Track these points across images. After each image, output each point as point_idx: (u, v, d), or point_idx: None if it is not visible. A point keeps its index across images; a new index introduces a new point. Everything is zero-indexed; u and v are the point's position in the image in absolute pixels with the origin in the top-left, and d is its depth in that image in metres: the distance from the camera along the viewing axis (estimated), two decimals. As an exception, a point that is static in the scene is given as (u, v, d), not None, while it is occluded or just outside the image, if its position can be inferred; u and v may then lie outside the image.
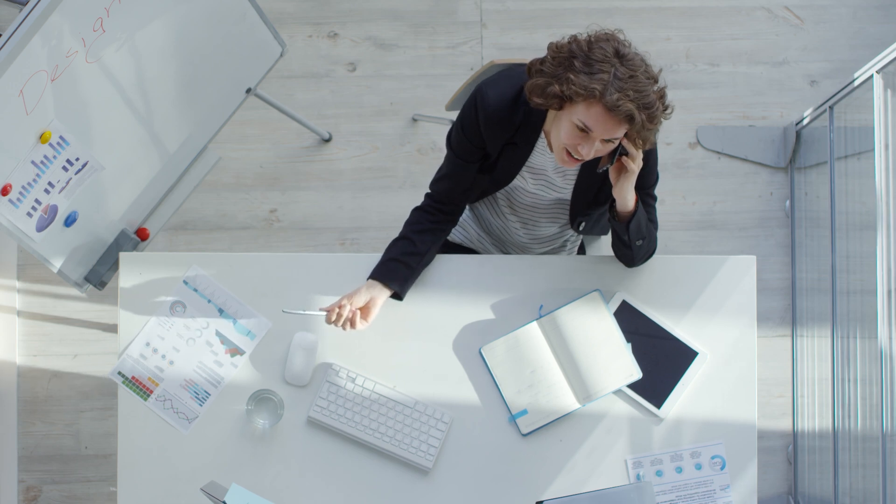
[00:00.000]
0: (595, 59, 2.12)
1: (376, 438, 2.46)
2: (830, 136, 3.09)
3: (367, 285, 2.43)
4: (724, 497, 2.47)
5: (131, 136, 2.54)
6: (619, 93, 2.10)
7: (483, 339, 2.51)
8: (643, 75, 2.13)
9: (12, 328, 3.33)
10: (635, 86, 2.11)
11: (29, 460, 3.31)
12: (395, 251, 2.45)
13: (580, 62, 2.13)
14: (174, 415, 2.49)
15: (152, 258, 2.55)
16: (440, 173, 2.47)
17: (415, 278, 2.47)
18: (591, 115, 2.13)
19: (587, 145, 2.18)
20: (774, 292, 3.41)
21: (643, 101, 2.12)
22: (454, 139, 2.39)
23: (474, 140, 2.35)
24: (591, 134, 2.16)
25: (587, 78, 2.11)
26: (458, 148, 2.39)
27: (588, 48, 2.14)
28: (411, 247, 2.45)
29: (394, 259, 2.44)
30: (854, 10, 3.51)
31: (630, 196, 2.30)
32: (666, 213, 3.38)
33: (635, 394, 2.49)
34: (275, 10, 3.47)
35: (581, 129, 2.16)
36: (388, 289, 2.44)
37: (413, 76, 3.47)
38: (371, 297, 2.42)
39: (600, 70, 2.11)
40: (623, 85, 2.11)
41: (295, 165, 3.44)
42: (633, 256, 2.44)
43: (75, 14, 2.18)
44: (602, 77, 2.11)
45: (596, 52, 2.13)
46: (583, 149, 2.18)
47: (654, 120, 2.15)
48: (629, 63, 2.12)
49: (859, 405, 3.02)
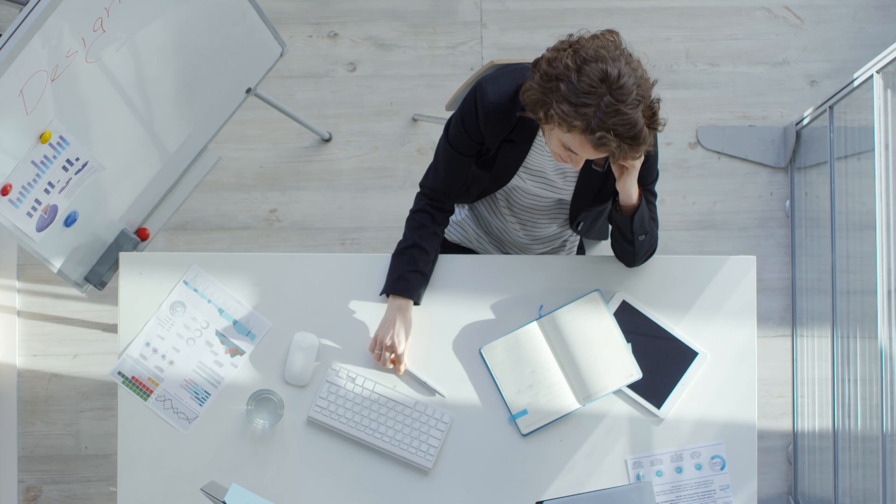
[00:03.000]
0: (581, 90, 2.05)
1: (376, 438, 2.46)
2: (830, 136, 3.09)
3: (397, 307, 2.44)
4: (724, 497, 2.47)
5: (131, 136, 2.54)
6: (601, 130, 2.05)
7: (483, 339, 2.51)
8: (633, 102, 2.06)
9: (12, 328, 3.33)
10: (621, 120, 2.05)
11: (29, 460, 3.31)
12: (411, 262, 2.45)
13: (566, 88, 2.07)
14: (174, 415, 2.49)
15: (152, 258, 2.55)
16: (435, 169, 2.46)
17: (427, 283, 2.50)
18: (575, 141, 2.12)
19: (575, 161, 2.18)
20: (774, 292, 3.41)
21: (628, 134, 2.07)
22: (452, 133, 2.39)
23: (474, 135, 2.35)
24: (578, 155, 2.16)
25: (570, 109, 2.06)
26: (456, 142, 2.38)
27: (577, 70, 2.06)
28: (423, 254, 2.46)
29: (413, 271, 2.45)
30: (854, 10, 3.51)
31: (633, 189, 2.30)
32: (666, 213, 3.38)
33: (635, 394, 2.49)
34: (275, 10, 3.47)
35: (567, 149, 2.16)
36: (412, 302, 2.46)
37: (413, 76, 3.47)
38: (407, 317, 2.44)
39: (584, 104, 2.05)
40: (607, 121, 2.05)
41: (295, 165, 3.44)
42: (635, 253, 2.43)
43: (75, 14, 2.18)
44: (585, 112, 2.05)
45: (583, 79, 2.05)
46: (571, 162, 2.19)
47: (641, 145, 2.11)
48: (618, 91, 2.05)
49: (859, 405, 3.02)
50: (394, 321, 2.44)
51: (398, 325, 2.44)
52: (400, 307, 2.45)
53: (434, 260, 2.48)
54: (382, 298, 2.51)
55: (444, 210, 2.48)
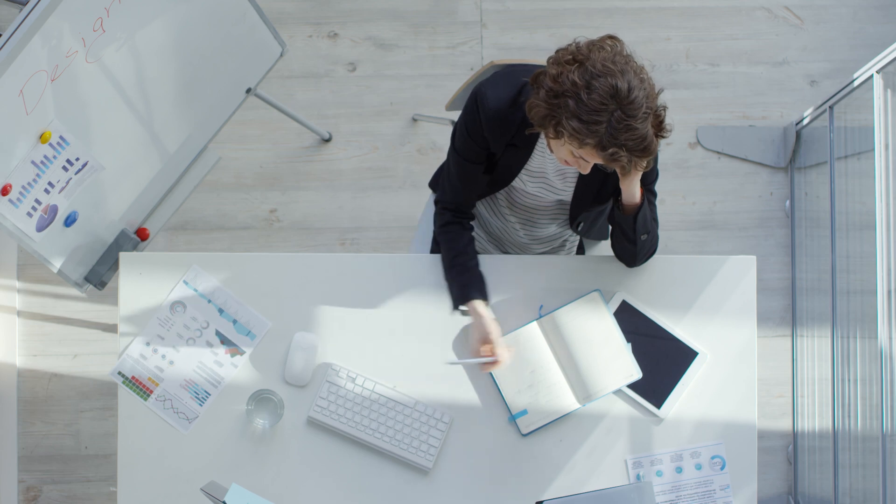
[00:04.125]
0: (591, 107, 2.04)
1: (376, 438, 2.46)
2: (830, 136, 3.09)
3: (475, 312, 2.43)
4: (724, 497, 2.47)
5: (131, 136, 2.54)
6: (613, 146, 2.05)
7: (483, 339, 2.51)
8: (642, 116, 2.06)
9: (12, 328, 3.33)
10: (632, 136, 2.05)
11: (29, 460, 3.31)
12: (464, 270, 2.45)
13: (575, 105, 2.05)
14: (174, 415, 2.49)
15: (152, 258, 2.55)
16: (449, 182, 2.45)
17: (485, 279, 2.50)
18: (586, 153, 2.12)
19: (584, 167, 2.19)
20: (774, 292, 3.41)
21: (639, 147, 2.07)
22: (459, 143, 2.38)
23: (480, 142, 2.35)
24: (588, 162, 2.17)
25: (581, 126, 2.05)
26: (464, 151, 2.38)
27: (587, 86, 2.05)
28: (469, 258, 2.46)
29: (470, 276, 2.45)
30: (854, 10, 3.51)
31: (636, 189, 2.31)
32: (666, 213, 3.38)
33: (635, 394, 2.49)
34: (275, 10, 3.47)
35: (577, 157, 2.16)
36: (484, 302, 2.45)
37: (413, 76, 3.47)
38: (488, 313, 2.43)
39: (595, 121, 2.04)
40: (618, 136, 2.05)
41: (295, 165, 3.44)
42: (636, 253, 2.43)
43: (75, 14, 2.18)
44: (596, 129, 2.04)
45: (593, 96, 2.04)
46: (580, 168, 2.19)
47: (651, 155, 2.11)
48: (628, 107, 2.04)
49: (859, 405, 3.02)
50: (480, 323, 2.43)
51: (485, 323, 2.42)
52: (476, 310, 2.44)
53: (478, 258, 2.49)
54: (382, 298, 2.51)
55: (468, 215, 2.50)
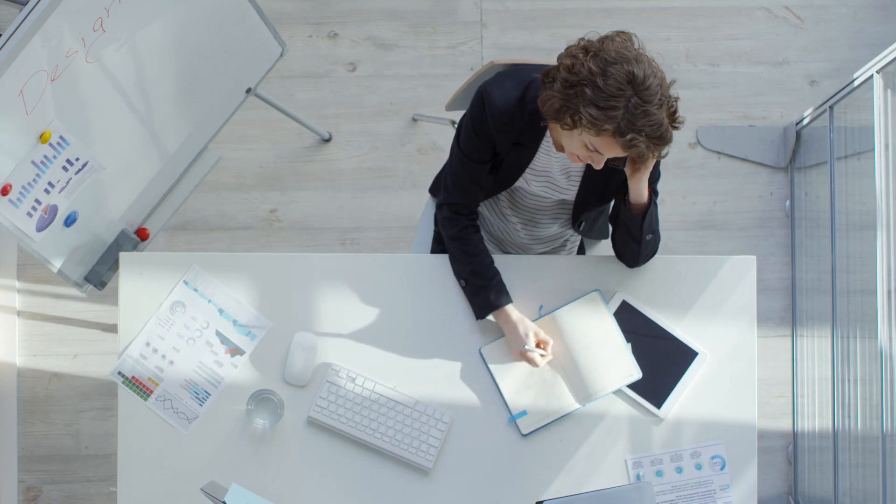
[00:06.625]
0: (608, 93, 2.06)
1: (376, 438, 2.46)
2: (830, 136, 3.09)
3: (503, 319, 2.45)
4: (724, 497, 2.47)
5: (131, 136, 2.54)
6: (631, 132, 2.07)
7: (483, 339, 2.51)
8: (658, 102, 2.08)
9: (12, 328, 3.33)
10: (649, 121, 2.07)
11: (29, 460, 3.31)
12: (483, 277, 2.46)
13: (591, 92, 2.07)
14: (174, 415, 2.49)
15: (152, 258, 2.55)
16: (455, 184, 2.45)
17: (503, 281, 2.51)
18: (602, 143, 2.12)
19: (597, 160, 2.18)
20: (774, 292, 3.41)
21: (655, 134, 2.09)
22: (465, 144, 2.38)
23: (487, 142, 2.35)
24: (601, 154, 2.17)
25: (599, 113, 2.07)
26: (470, 152, 2.37)
27: (602, 73, 2.07)
28: (486, 262, 2.47)
29: (490, 282, 2.45)
30: (854, 10, 3.51)
31: (645, 187, 2.31)
32: (666, 213, 3.38)
33: (635, 394, 2.49)
34: (275, 10, 3.47)
35: (591, 149, 2.16)
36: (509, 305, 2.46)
37: (413, 76, 3.47)
38: (516, 315, 2.45)
39: (612, 106, 2.06)
40: (636, 122, 2.06)
41: (295, 165, 3.44)
42: (639, 253, 2.44)
43: (75, 14, 2.18)
44: (614, 115, 2.06)
45: (609, 82, 2.06)
46: (593, 162, 2.19)
47: (667, 143, 2.13)
48: (644, 92, 2.06)
49: (859, 405, 3.02)
50: (514, 328, 2.44)
51: (519, 327, 2.43)
52: (503, 316, 2.45)
53: (492, 259, 2.50)
54: (383, 298, 2.51)
55: (474, 215, 2.50)
